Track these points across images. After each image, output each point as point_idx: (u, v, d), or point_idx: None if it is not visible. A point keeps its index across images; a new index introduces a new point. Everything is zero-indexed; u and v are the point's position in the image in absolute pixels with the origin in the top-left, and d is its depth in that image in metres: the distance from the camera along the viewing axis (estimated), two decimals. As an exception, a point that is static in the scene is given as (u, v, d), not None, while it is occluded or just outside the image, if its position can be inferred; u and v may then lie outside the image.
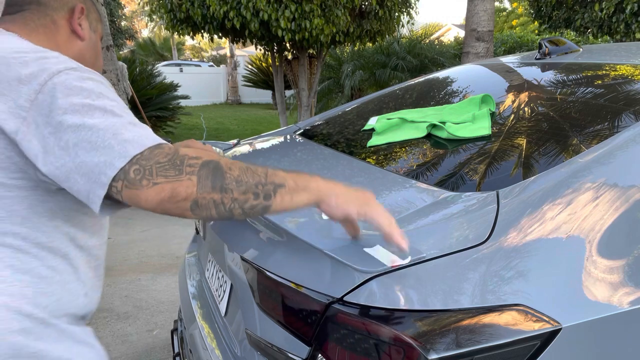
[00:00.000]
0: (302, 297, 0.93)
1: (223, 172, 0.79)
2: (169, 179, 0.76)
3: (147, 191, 0.75)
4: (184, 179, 0.76)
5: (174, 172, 0.76)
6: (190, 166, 0.77)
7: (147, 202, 0.76)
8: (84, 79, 0.83)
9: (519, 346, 0.82)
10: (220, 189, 0.78)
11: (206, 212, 0.78)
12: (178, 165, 0.77)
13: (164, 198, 0.75)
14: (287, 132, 1.99)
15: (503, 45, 11.96)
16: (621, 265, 0.92)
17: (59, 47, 0.99)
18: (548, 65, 1.83)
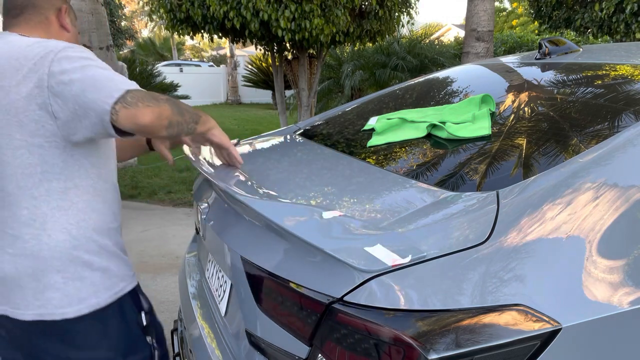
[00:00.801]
0: (302, 297, 0.93)
1: (179, 104, 1.17)
2: (155, 105, 1.08)
3: (143, 110, 1.05)
4: (163, 105, 1.09)
5: (156, 101, 1.08)
6: (161, 99, 1.11)
7: (144, 117, 1.05)
8: (81, 50, 1.14)
9: (519, 346, 0.82)
10: (180, 113, 1.14)
11: (172, 130, 1.12)
12: (155, 97, 1.10)
13: (155, 116, 1.06)
14: (287, 132, 1.99)
15: (503, 45, 11.95)
16: (621, 265, 0.92)
17: (52, 38, 1.25)
18: (548, 65, 1.83)
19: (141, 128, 1.07)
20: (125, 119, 1.05)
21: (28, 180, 1.14)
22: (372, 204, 1.12)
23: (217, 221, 1.37)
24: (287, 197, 1.22)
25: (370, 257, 0.84)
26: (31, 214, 1.15)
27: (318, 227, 0.94)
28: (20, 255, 1.16)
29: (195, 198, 1.70)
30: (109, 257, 1.26)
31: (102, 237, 1.25)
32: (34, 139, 1.12)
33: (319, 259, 0.93)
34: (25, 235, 1.16)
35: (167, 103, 1.10)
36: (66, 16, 1.31)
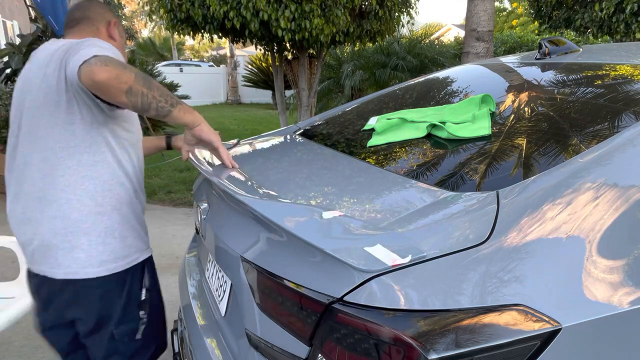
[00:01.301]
0: (302, 297, 0.93)
1: (151, 79, 1.25)
2: (117, 67, 1.18)
3: (99, 68, 1.17)
4: (127, 72, 1.20)
5: (121, 67, 1.19)
6: (131, 69, 1.22)
7: (100, 74, 1.16)
8: (101, 44, 1.31)
9: (519, 346, 0.82)
10: (148, 87, 1.24)
11: (135, 98, 1.21)
12: (122, 64, 1.20)
13: (112, 76, 1.17)
14: (287, 132, 1.99)
15: (503, 45, 11.94)
16: (621, 265, 0.92)
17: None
18: (548, 65, 1.83)
19: (97, 85, 1.18)
20: (84, 76, 1.18)
21: (64, 152, 1.35)
22: (372, 204, 1.12)
23: (217, 221, 1.37)
24: (287, 197, 1.22)
25: (370, 257, 0.84)
26: (66, 181, 1.36)
27: (318, 227, 0.94)
28: (56, 217, 1.36)
29: (195, 198, 1.70)
30: (129, 229, 1.46)
31: (125, 208, 1.45)
32: (67, 117, 1.33)
33: (319, 259, 0.93)
34: (61, 199, 1.36)
35: (134, 72, 1.21)
36: (114, 28, 1.56)
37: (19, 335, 2.56)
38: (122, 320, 1.48)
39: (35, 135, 1.36)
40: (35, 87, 1.35)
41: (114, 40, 1.55)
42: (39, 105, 1.34)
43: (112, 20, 1.56)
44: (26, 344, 2.50)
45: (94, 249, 1.39)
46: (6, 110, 5.57)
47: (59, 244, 1.37)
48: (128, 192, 1.46)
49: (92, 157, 1.37)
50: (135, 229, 1.49)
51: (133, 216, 1.48)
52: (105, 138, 1.39)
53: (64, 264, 1.38)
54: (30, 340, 2.53)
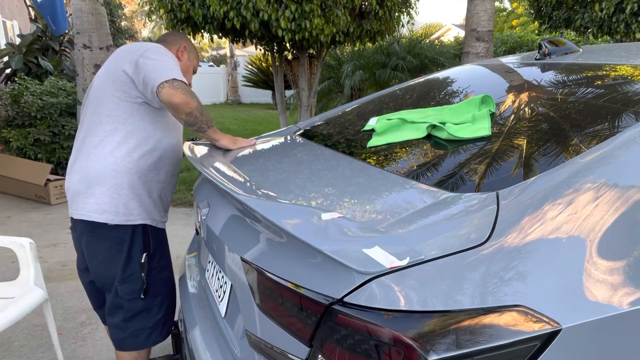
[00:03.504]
0: (302, 298, 0.93)
1: (203, 107, 1.69)
2: (189, 96, 1.62)
3: (178, 94, 1.58)
4: (193, 100, 1.63)
5: (190, 94, 1.62)
6: (194, 96, 1.64)
7: (176, 97, 1.58)
8: (164, 52, 1.73)
9: (519, 347, 0.82)
10: (201, 113, 1.67)
11: (190, 119, 1.66)
12: (191, 92, 1.64)
13: (183, 102, 1.60)
14: (287, 132, 1.99)
15: (503, 45, 11.93)
16: (621, 266, 0.92)
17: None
18: (548, 65, 1.83)
19: (171, 105, 1.59)
20: (165, 95, 1.58)
21: (107, 118, 1.69)
22: (372, 205, 1.12)
23: (217, 221, 1.37)
24: (287, 198, 1.22)
25: (368, 259, 0.84)
26: (99, 141, 1.69)
27: (317, 228, 0.94)
28: (86, 168, 1.69)
29: (195, 198, 1.70)
30: (134, 195, 1.71)
31: (139, 177, 1.71)
32: (121, 94, 1.68)
33: (318, 260, 0.93)
34: (91, 155, 1.69)
35: (196, 100, 1.64)
36: (185, 52, 1.95)
37: (19, 335, 2.56)
38: (123, 277, 1.72)
39: (94, 104, 1.72)
40: (108, 71, 1.73)
41: (180, 60, 1.91)
42: (105, 83, 1.71)
43: (183, 45, 1.95)
44: (26, 344, 2.50)
45: (101, 199, 1.67)
46: (6, 111, 5.56)
47: (81, 189, 1.69)
48: (148, 165, 1.73)
49: (127, 127, 1.69)
50: (142, 199, 1.73)
51: (143, 187, 1.73)
52: (142, 117, 1.70)
53: (80, 206, 1.70)
54: (30, 340, 2.53)
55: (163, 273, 1.84)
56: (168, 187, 1.87)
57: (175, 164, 1.86)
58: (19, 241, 2.16)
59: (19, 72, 5.80)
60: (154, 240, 1.79)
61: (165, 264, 1.87)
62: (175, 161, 1.86)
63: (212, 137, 1.75)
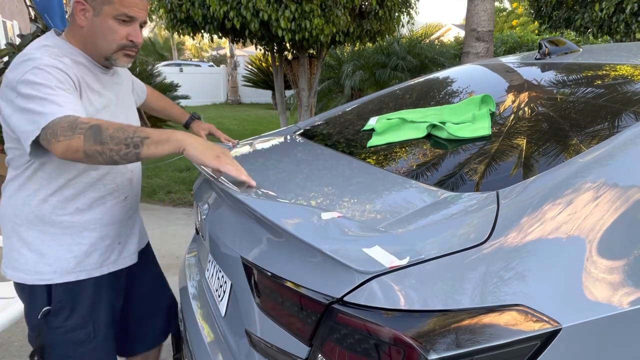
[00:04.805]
0: (302, 298, 0.93)
1: (101, 131, 1.14)
2: (66, 137, 1.13)
3: (55, 146, 1.14)
4: (75, 137, 1.13)
5: (70, 133, 1.13)
6: (80, 129, 1.13)
7: (56, 152, 1.15)
8: (40, 75, 1.23)
9: (519, 346, 0.82)
10: (100, 142, 1.13)
11: (94, 159, 1.15)
12: (73, 128, 1.14)
13: (65, 150, 1.14)
14: (287, 132, 1.99)
15: (503, 45, 11.93)
16: (621, 266, 0.92)
17: (76, 37, 1.39)
18: (548, 65, 1.83)
19: (61, 158, 1.18)
20: (51, 152, 1.18)
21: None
22: (372, 205, 1.12)
23: (217, 221, 1.37)
24: (287, 198, 1.22)
25: (368, 258, 0.84)
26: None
27: (317, 228, 0.94)
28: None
29: (195, 198, 1.70)
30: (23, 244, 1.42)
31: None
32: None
33: (318, 259, 0.93)
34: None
35: (82, 132, 1.13)
36: (85, 4, 1.38)
37: (19, 335, 2.56)
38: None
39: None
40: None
41: (81, 24, 1.36)
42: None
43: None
44: (26, 344, 2.49)
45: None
46: (6, 110, 5.56)
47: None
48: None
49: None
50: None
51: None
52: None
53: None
54: (30, 340, 2.53)
55: (75, 335, 1.44)
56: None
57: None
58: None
59: (19, 72, 5.79)
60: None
61: (83, 322, 1.45)
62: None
63: (159, 152, 1.15)
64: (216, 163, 1.15)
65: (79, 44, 1.39)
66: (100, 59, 1.41)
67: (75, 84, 1.32)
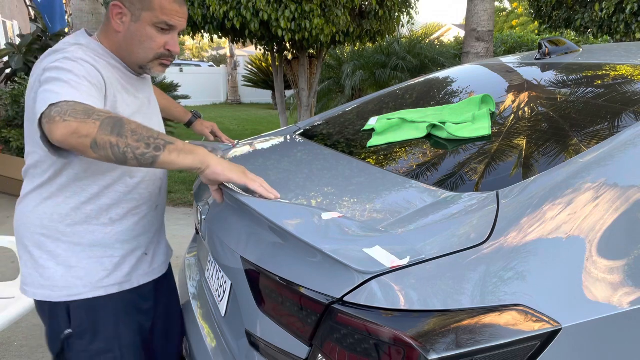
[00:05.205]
0: (302, 298, 0.93)
1: (123, 123, 1.01)
2: (77, 119, 0.97)
3: (57, 124, 0.97)
4: (90, 122, 0.98)
5: (83, 116, 0.98)
6: (98, 115, 1.00)
7: (56, 133, 0.97)
8: (66, 62, 1.13)
9: (519, 346, 0.82)
10: (118, 134, 0.99)
11: (104, 151, 1.00)
12: (89, 113, 0.99)
13: (70, 132, 0.97)
14: (287, 132, 1.99)
15: (503, 45, 11.94)
16: (621, 265, 0.92)
17: (110, 41, 1.31)
18: (548, 65, 1.83)
19: (57, 144, 1.00)
20: (48, 134, 0.99)
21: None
22: (372, 204, 1.12)
23: (217, 221, 1.37)
24: (287, 198, 1.22)
25: (368, 258, 0.84)
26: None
27: (317, 228, 0.94)
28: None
29: (195, 198, 1.70)
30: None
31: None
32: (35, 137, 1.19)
33: (318, 259, 0.93)
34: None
35: (100, 119, 0.98)
36: (123, 9, 1.31)
37: (19, 335, 2.56)
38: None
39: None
40: (27, 103, 1.24)
41: (117, 30, 1.28)
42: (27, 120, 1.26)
43: (114, 2, 1.27)
44: (26, 344, 2.49)
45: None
46: (6, 111, 5.57)
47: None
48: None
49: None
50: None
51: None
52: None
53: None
54: (30, 340, 2.53)
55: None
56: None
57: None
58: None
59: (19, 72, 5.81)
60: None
61: (108, 345, 1.33)
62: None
63: (179, 163, 1.05)
64: (246, 180, 1.12)
65: (113, 48, 1.31)
66: (134, 66, 1.34)
67: (105, 84, 1.21)
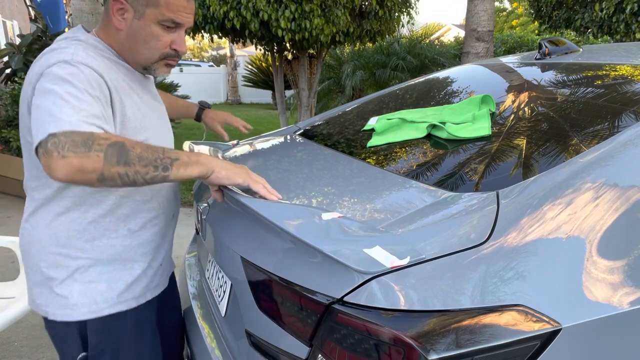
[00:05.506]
0: (302, 298, 0.93)
1: (127, 149, 0.96)
2: (77, 154, 0.92)
3: (56, 162, 0.91)
4: (92, 155, 0.92)
5: (83, 149, 0.92)
6: (99, 145, 0.94)
7: (56, 172, 0.92)
8: (65, 69, 1.03)
9: (519, 346, 0.82)
10: (125, 162, 0.95)
11: (112, 182, 0.97)
12: (89, 144, 0.93)
13: (72, 170, 0.92)
14: (287, 132, 1.99)
15: (503, 45, 11.94)
16: (621, 266, 0.92)
17: (111, 38, 1.21)
18: (548, 65, 1.83)
19: (60, 181, 0.94)
20: (44, 168, 0.94)
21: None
22: (372, 205, 1.12)
23: (217, 221, 1.37)
24: (287, 198, 1.22)
25: (369, 258, 0.84)
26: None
27: (317, 228, 0.94)
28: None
29: (195, 198, 1.70)
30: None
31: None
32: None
33: (318, 259, 0.93)
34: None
35: (102, 149, 0.93)
36: (125, 4, 1.22)
37: (19, 335, 2.56)
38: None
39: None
40: (21, 107, 1.14)
41: (119, 28, 1.18)
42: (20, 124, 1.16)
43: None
44: (26, 344, 2.50)
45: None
46: (6, 111, 5.57)
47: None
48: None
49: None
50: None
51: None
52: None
53: None
54: (30, 340, 2.53)
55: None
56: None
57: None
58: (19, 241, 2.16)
59: (19, 72, 5.81)
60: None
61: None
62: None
63: (189, 174, 1.05)
64: (249, 181, 1.12)
65: (115, 46, 1.21)
66: (138, 67, 1.24)
67: (110, 91, 1.11)
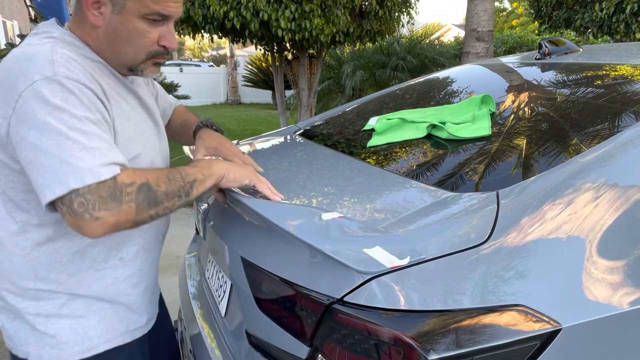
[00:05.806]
0: (302, 298, 0.93)
1: (154, 191, 0.94)
2: (111, 212, 0.88)
3: (90, 224, 0.87)
4: (124, 208, 0.90)
5: (115, 204, 0.89)
6: (128, 194, 0.90)
7: (92, 233, 0.88)
8: (54, 91, 0.89)
9: (519, 346, 0.82)
10: (155, 204, 0.95)
11: (144, 223, 0.96)
12: (118, 196, 0.89)
13: (109, 228, 0.89)
14: (287, 132, 1.99)
15: (503, 45, 11.94)
16: (621, 265, 0.92)
17: (87, 36, 1.04)
18: (548, 65, 1.83)
19: (96, 237, 0.90)
20: (74, 228, 0.89)
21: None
22: (372, 205, 1.12)
23: (217, 221, 1.37)
24: (287, 198, 1.22)
25: (368, 258, 0.84)
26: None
27: (318, 229, 0.94)
28: None
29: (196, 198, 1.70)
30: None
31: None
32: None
33: (319, 259, 0.93)
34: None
35: (133, 199, 0.90)
36: (101, 4, 1.08)
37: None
38: None
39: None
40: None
41: (95, 24, 1.00)
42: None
43: None
44: (26, 344, 2.49)
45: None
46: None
47: None
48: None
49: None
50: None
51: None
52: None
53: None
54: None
55: None
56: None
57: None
58: None
59: (19, 72, 5.80)
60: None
61: None
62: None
63: (206, 187, 1.05)
64: (256, 181, 1.14)
65: (93, 46, 1.04)
66: (121, 68, 1.08)
67: (104, 105, 0.99)
